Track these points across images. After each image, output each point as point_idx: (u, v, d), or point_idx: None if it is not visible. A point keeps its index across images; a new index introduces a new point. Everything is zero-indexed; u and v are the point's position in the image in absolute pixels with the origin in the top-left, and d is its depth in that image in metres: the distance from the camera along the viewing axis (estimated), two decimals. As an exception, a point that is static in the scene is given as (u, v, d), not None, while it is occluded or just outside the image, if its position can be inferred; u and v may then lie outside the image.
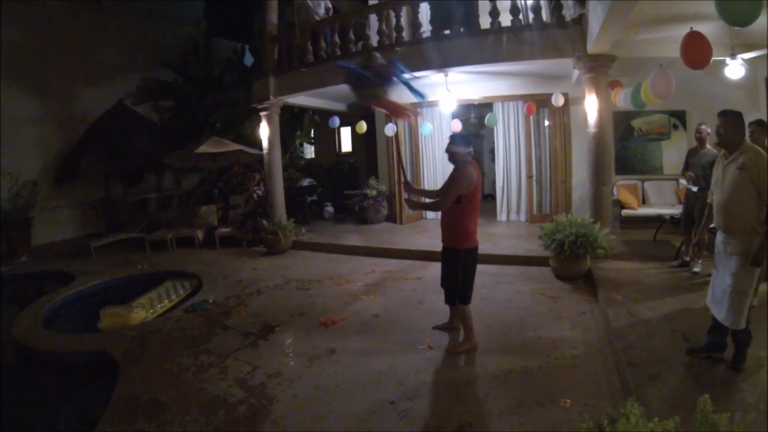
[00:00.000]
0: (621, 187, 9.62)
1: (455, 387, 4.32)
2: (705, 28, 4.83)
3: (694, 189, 6.50)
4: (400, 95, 5.63)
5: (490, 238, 9.50)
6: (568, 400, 3.88)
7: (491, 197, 13.10)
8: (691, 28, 4.78)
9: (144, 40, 14.10)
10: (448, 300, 5.12)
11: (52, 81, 12.03)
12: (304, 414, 3.96)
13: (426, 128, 11.01)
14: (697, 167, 6.47)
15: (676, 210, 8.20)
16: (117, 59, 13.49)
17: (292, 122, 13.88)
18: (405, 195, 5.55)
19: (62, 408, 4.84)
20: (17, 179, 10.83)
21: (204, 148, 10.60)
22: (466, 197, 4.79)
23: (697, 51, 4.66)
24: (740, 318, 3.79)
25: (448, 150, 4.97)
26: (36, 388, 5.39)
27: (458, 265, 4.93)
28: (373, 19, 9.34)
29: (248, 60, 14.07)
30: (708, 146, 6.52)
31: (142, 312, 6.82)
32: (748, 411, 2.10)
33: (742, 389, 3.64)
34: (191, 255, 10.35)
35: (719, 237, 4.03)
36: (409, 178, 5.32)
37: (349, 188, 13.68)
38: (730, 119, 3.90)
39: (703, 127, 6.55)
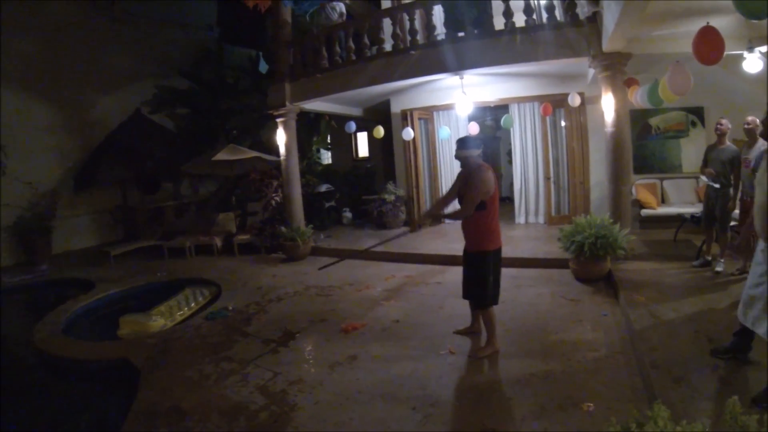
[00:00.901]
0: (640, 187, 9.53)
1: (477, 392, 4.29)
2: (721, 22, 4.78)
3: (716, 185, 6.40)
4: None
5: (509, 241, 9.39)
6: (591, 404, 3.84)
7: (509, 200, 13.03)
8: (708, 22, 4.72)
9: (157, 47, 14.26)
10: (479, 303, 5.07)
11: (68, 89, 12.23)
12: (326, 421, 3.96)
13: (443, 132, 11.01)
14: (716, 163, 6.37)
15: (696, 208, 8.10)
16: (131, 67, 13.66)
17: (308, 128, 13.93)
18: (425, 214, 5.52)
19: (83, 416, 4.89)
20: (36, 188, 10.99)
21: (221, 156, 10.68)
22: (489, 201, 4.78)
23: (709, 46, 4.59)
24: None
25: (457, 156, 4.97)
26: (57, 396, 5.46)
27: (488, 267, 4.91)
28: (387, 22, 9.35)
29: (262, 67, 14.16)
30: (728, 142, 6.41)
31: (161, 320, 6.89)
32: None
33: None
34: (210, 262, 10.42)
35: (760, 244, 3.65)
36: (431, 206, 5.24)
37: (367, 193, 13.69)
38: None
39: (723, 121, 6.41)
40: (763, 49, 6.39)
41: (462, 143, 4.96)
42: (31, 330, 6.57)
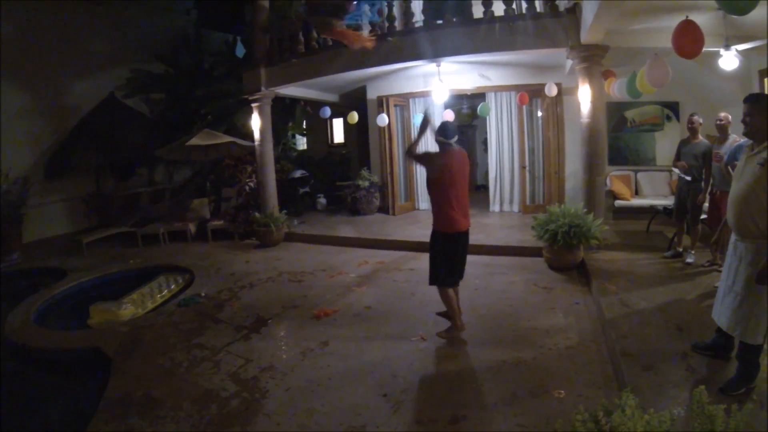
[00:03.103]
0: (614, 178, 9.62)
1: (449, 378, 4.30)
2: (700, 19, 4.81)
3: (688, 178, 6.47)
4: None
5: (482, 229, 9.49)
6: (562, 391, 3.87)
7: (484, 188, 13.07)
8: (687, 17, 4.75)
9: (133, 31, 13.87)
10: (430, 281, 5.09)
11: (41, 74, 11.81)
12: (297, 407, 3.94)
13: (418, 119, 10.98)
14: (689, 157, 6.43)
15: (669, 201, 8.20)
16: (106, 50, 13.26)
17: (283, 113, 13.79)
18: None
19: (56, 405, 4.80)
20: (7, 174, 10.70)
21: (195, 141, 10.52)
22: (436, 181, 4.87)
23: (689, 40, 4.63)
24: (748, 330, 3.36)
25: (435, 140, 5.06)
26: (29, 386, 5.34)
27: (437, 248, 4.95)
28: (365, 9, 9.25)
29: (240, 51, 13.95)
30: (700, 137, 6.48)
31: (132, 308, 6.76)
32: (743, 401, 2.09)
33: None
34: (183, 249, 10.29)
35: (732, 236, 3.61)
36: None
37: (342, 179, 13.63)
38: (760, 106, 3.42)
39: (695, 117, 6.48)
40: (740, 47, 6.46)
41: (437, 130, 5.01)
42: (2, 320, 6.41)
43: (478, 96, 11.56)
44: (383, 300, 6.42)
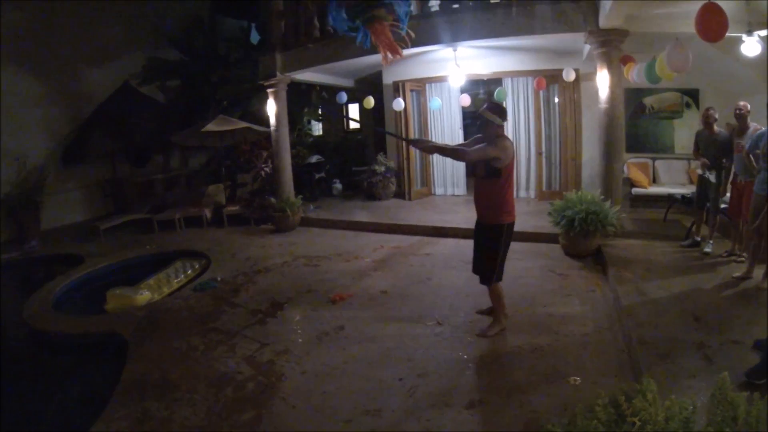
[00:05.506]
0: (631, 165, 9.52)
1: (464, 363, 4.31)
2: (722, 4, 4.71)
3: (712, 179, 6.36)
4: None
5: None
6: (578, 378, 3.87)
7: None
8: (708, 0, 4.66)
9: (147, 17, 13.88)
10: (485, 280, 4.83)
11: (56, 61, 11.82)
12: (313, 391, 3.97)
13: (435, 103, 10.95)
14: (711, 148, 6.34)
15: (687, 189, 8.11)
16: (120, 37, 13.25)
17: (299, 99, 13.77)
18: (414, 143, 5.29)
19: (73, 389, 4.87)
20: (25, 162, 10.79)
21: (211, 127, 10.54)
22: (506, 170, 4.54)
23: (713, 22, 4.53)
24: None
25: (481, 114, 4.57)
26: (48, 371, 5.44)
27: (501, 240, 4.69)
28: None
29: (254, 38, 13.89)
30: (716, 128, 6.38)
31: (148, 293, 6.82)
32: (765, 390, 2.07)
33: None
34: (199, 234, 10.35)
35: None
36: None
37: (357, 165, 13.61)
38: None
39: (710, 111, 6.38)
40: (763, 32, 6.34)
41: (493, 107, 4.66)
42: (22, 307, 6.50)
43: (495, 81, 11.46)
44: (399, 284, 6.43)
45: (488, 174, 4.56)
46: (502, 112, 4.62)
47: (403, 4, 5.10)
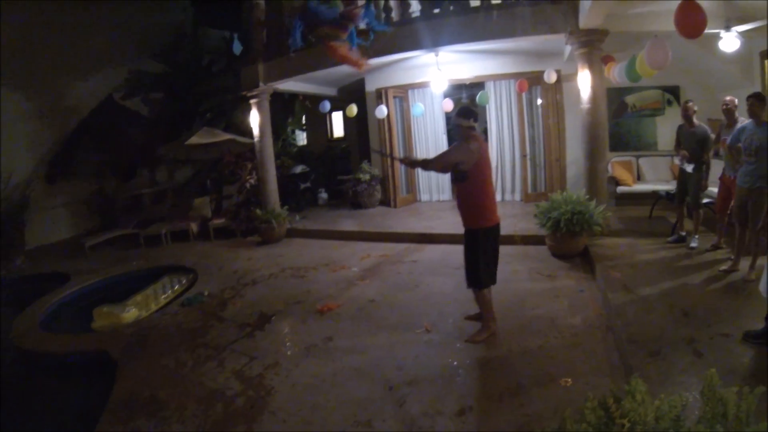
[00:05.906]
0: (616, 164, 9.56)
1: (454, 370, 4.28)
2: (699, 1, 4.74)
3: (689, 170, 6.40)
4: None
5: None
6: (569, 380, 3.85)
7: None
8: (685, -1, 4.68)
9: (130, 28, 13.77)
10: (469, 284, 4.82)
11: (38, 75, 11.66)
12: (303, 403, 3.93)
13: (417, 109, 10.93)
14: (691, 142, 6.37)
15: (671, 186, 8.14)
16: (104, 49, 13.04)
17: (283, 109, 13.74)
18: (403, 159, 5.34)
19: (63, 409, 4.81)
20: (8, 180, 10.64)
21: (195, 139, 10.50)
22: (472, 172, 4.50)
23: (691, 19, 4.55)
24: None
25: (453, 124, 4.71)
26: (37, 391, 5.36)
27: (478, 245, 4.66)
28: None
29: (237, 48, 13.86)
30: (697, 122, 6.42)
31: (135, 310, 6.75)
32: (754, 384, 2.05)
33: (743, 363, 3.61)
34: (186, 248, 10.27)
35: None
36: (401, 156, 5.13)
37: (342, 173, 13.58)
38: None
39: (689, 104, 6.43)
40: (740, 28, 6.40)
41: (461, 110, 4.71)
42: (8, 327, 6.42)
43: (477, 85, 11.49)
44: (387, 293, 6.39)
45: (455, 178, 4.63)
46: (468, 114, 4.64)
47: (362, 19, 5.18)
